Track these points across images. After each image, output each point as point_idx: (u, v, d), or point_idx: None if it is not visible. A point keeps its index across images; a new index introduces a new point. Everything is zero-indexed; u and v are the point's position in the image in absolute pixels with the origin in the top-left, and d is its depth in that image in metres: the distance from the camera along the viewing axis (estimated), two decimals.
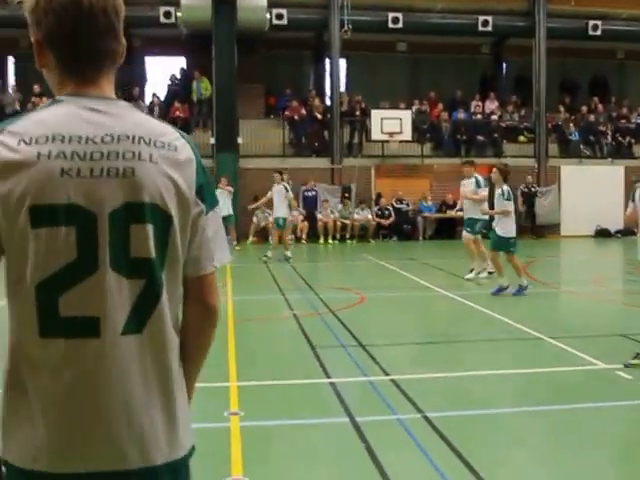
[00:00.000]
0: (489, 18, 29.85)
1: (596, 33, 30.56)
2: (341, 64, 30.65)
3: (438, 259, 18.67)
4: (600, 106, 32.16)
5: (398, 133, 28.17)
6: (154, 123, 2.22)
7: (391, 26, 29.31)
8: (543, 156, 30.35)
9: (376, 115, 28.50)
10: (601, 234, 28.96)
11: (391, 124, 28.06)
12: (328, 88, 30.90)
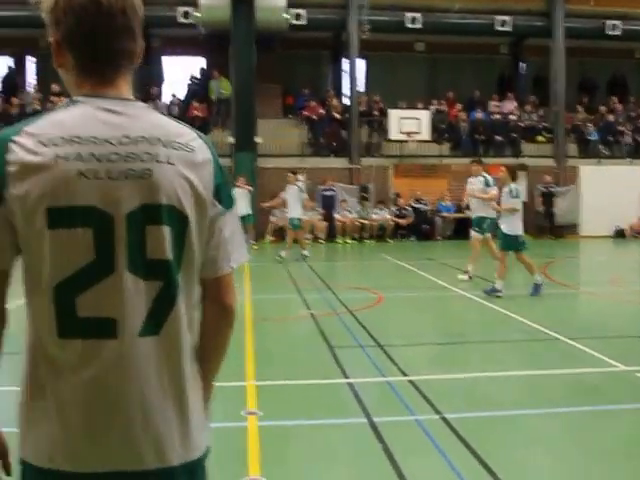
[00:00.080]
0: (507, 18, 29.81)
1: (615, 33, 30.45)
2: (359, 64, 30.62)
3: (456, 259, 18.57)
4: (619, 106, 31.98)
5: (416, 133, 28.16)
6: (171, 124, 2.22)
7: (409, 26, 29.35)
8: (562, 156, 30.22)
9: (394, 115, 28.50)
10: (620, 234, 28.80)
11: (409, 124, 28.06)
12: (346, 88, 30.86)
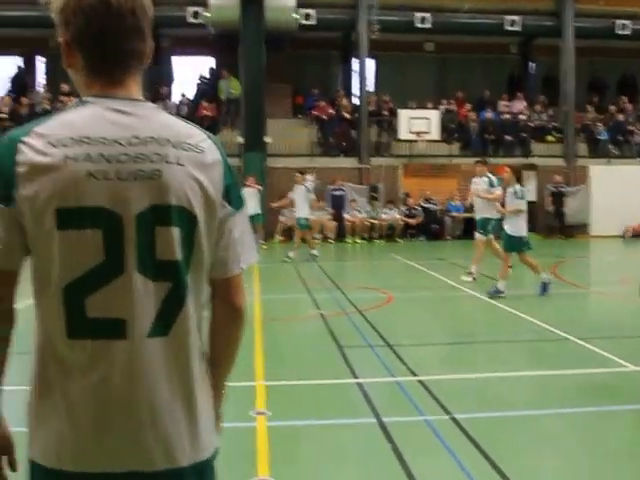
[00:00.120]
0: (517, 18, 29.76)
1: (624, 32, 30.37)
2: (369, 64, 30.61)
3: (466, 259, 18.50)
4: (629, 105, 31.86)
5: (426, 133, 28.14)
6: (181, 125, 2.22)
7: (419, 26, 29.32)
8: (572, 156, 30.14)
9: (404, 115, 28.49)
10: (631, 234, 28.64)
11: (419, 124, 28.05)
12: (356, 88, 30.83)
